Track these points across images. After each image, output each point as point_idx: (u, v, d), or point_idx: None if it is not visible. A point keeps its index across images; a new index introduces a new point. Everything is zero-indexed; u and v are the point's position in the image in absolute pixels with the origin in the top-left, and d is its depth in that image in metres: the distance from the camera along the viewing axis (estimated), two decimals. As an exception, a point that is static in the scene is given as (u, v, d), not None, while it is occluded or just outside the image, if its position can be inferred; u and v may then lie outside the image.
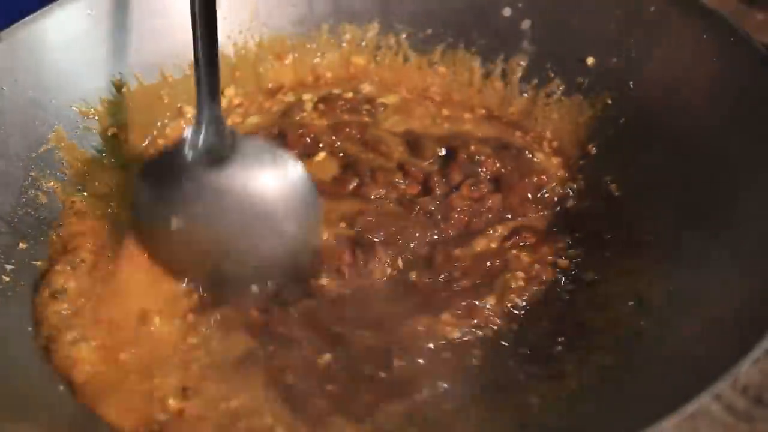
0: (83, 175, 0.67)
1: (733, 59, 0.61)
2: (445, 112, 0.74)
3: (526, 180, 0.65)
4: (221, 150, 0.58)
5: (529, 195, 0.65)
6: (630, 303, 0.56)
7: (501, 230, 0.63)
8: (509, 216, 0.64)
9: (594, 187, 0.66)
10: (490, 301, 0.58)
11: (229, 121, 0.69)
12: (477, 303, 0.58)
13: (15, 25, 0.66)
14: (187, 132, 0.59)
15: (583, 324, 0.57)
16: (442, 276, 0.60)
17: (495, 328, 0.56)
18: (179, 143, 0.59)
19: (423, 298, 0.58)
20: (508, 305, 0.58)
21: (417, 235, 0.62)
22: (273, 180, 0.58)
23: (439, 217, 0.63)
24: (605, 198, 0.65)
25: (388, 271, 0.60)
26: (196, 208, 0.58)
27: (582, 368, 0.54)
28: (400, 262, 0.60)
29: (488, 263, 0.61)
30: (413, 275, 0.60)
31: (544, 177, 0.66)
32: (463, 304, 0.57)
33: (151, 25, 0.71)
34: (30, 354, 0.56)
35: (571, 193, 0.66)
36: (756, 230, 0.53)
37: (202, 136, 0.59)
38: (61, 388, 0.54)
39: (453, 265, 0.60)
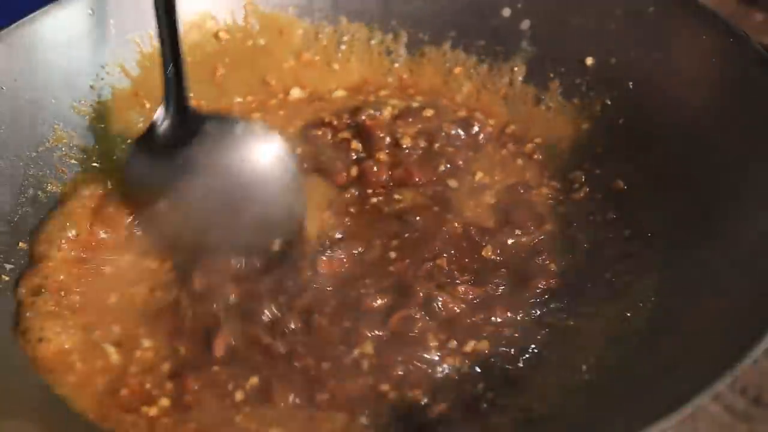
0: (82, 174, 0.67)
1: (732, 60, 0.61)
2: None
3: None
4: (186, 130, 0.62)
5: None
6: (630, 302, 0.57)
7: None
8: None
9: (593, 187, 0.65)
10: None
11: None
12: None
13: (15, 24, 0.66)
14: (156, 116, 0.63)
15: (581, 323, 0.57)
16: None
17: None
18: (149, 128, 0.63)
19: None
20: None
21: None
22: (236, 151, 0.61)
23: None
24: (603, 199, 0.65)
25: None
26: (167, 186, 0.62)
27: (581, 367, 0.54)
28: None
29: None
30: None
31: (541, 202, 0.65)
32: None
33: (153, 24, 0.71)
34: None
35: (567, 198, 0.66)
36: (755, 229, 0.53)
37: (167, 119, 0.63)
38: (58, 391, 0.54)
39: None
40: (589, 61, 0.70)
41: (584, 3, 0.70)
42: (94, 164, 0.68)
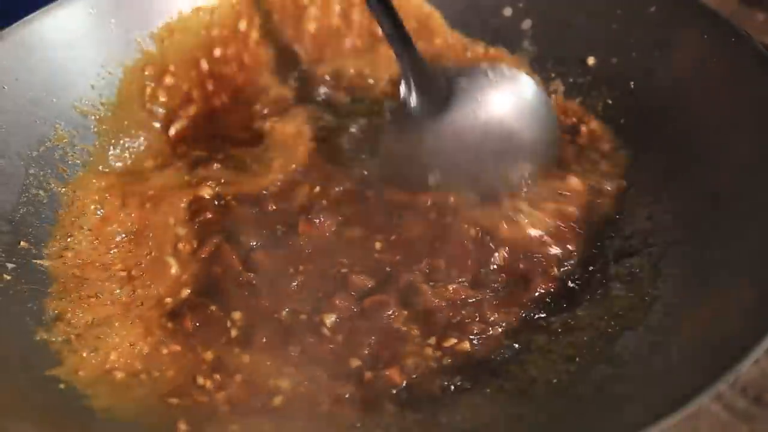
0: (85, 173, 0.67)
1: (734, 60, 0.61)
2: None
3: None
4: (437, 95, 0.63)
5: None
6: (630, 301, 0.57)
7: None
8: None
9: (595, 188, 0.65)
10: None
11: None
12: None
13: (16, 24, 0.66)
14: (401, 91, 0.64)
15: (583, 321, 0.57)
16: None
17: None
18: (399, 107, 0.64)
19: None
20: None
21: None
22: (495, 104, 0.62)
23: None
24: (606, 199, 0.65)
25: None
26: (432, 156, 0.63)
27: (583, 367, 0.54)
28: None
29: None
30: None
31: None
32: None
33: (155, 23, 0.71)
34: (31, 352, 0.56)
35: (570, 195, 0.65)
36: (756, 229, 0.53)
37: (413, 90, 0.63)
38: (62, 386, 0.54)
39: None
40: (591, 60, 0.70)
41: (585, 3, 0.70)
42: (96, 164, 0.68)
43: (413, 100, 0.63)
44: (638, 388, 0.49)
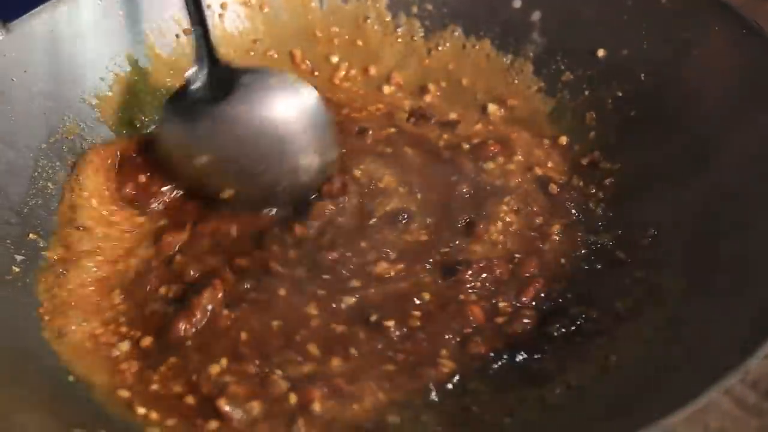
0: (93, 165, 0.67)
1: (744, 51, 0.61)
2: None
3: None
4: (221, 84, 0.64)
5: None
6: (640, 294, 0.57)
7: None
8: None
9: (602, 181, 0.65)
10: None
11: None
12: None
13: (25, 15, 0.66)
14: (188, 74, 0.66)
15: (590, 314, 0.57)
16: None
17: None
18: (182, 86, 0.66)
19: None
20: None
21: None
22: (273, 104, 0.64)
23: None
24: (613, 192, 0.65)
25: None
26: (206, 141, 0.64)
27: (587, 360, 0.54)
28: None
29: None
30: None
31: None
32: None
33: (162, 15, 0.72)
34: (40, 344, 0.56)
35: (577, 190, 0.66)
36: None
37: (201, 75, 0.65)
38: (71, 378, 0.54)
39: None
40: (601, 52, 0.69)
41: (595, -6, 0.70)
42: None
43: (199, 82, 0.65)
44: (648, 382, 0.49)
